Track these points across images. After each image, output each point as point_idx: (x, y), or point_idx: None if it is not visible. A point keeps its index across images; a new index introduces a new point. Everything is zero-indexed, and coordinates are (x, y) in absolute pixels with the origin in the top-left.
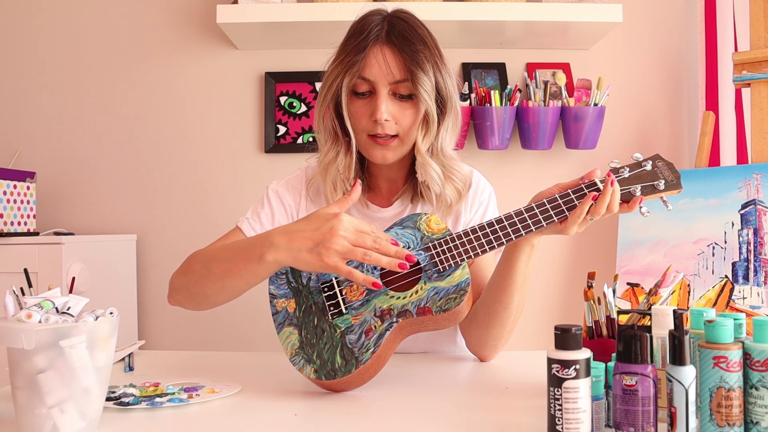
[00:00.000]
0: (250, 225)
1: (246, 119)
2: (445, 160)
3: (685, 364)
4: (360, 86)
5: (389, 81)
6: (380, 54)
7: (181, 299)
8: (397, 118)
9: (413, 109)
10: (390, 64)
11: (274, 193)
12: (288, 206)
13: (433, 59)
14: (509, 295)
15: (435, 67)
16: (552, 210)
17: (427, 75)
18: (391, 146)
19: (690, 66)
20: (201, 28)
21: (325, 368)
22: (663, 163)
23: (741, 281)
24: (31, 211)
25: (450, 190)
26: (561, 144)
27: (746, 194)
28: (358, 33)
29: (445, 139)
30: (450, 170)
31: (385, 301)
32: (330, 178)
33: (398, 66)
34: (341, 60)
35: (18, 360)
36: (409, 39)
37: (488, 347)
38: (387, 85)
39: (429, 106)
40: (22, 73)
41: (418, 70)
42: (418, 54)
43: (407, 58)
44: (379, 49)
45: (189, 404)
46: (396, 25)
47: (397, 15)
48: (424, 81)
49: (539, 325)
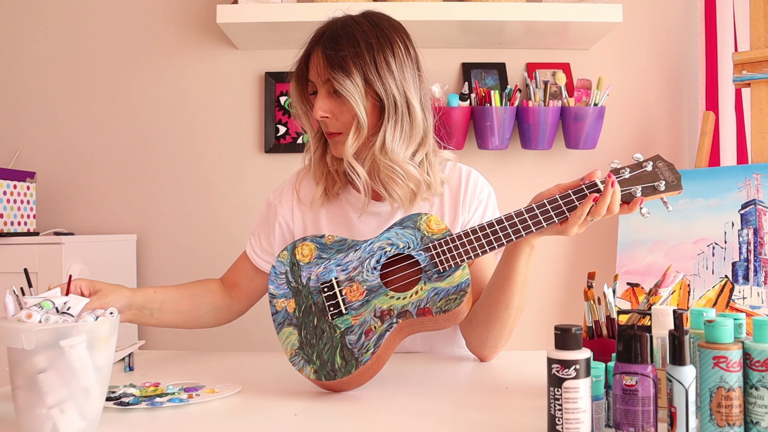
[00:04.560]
0: (253, 250)
1: (246, 119)
2: (387, 160)
3: (685, 364)
4: (310, 88)
5: (321, 81)
6: (315, 57)
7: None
8: (336, 114)
9: (350, 106)
10: (318, 66)
11: (268, 207)
12: (282, 216)
13: (360, 58)
14: (509, 296)
15: (366, 68)
16: (552, 211)
17: (349, 76)
18: (338, 140)
19: (690, 66)
20: (201, 28)
21: (325, 369)
22: (663, 163)
23: (741, 281)
24: (31, 211)
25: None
26: (561, 144)
27: (746, 194)
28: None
29: (390, 138)
30: (393, 171)
31: (385, 302)
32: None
33: (323, 66)
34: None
35: (18, 360)
36: (336, 40)
37: (488, 347)
38: (323, 84)
39: (353, 106)
40: (22, 73)
41: (337, 71)
42: (338, 54)
43: (328, 60)
44: (315, 53)
45: (189, 404)
46: (334, 29)
47: (344, 18)
48: (343, 80)
49: (539, 325)
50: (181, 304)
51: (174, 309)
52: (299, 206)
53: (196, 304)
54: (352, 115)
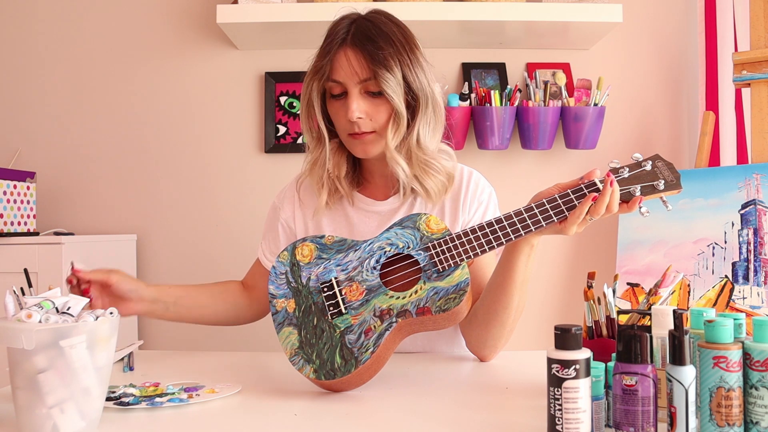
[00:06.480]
0: (263, 254)
1: (246, 119)
2: (422, 155)
3: (685, 364)
4: (334, 89)
5: (356, 81)
6: (344, 56)
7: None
8: (371, 114)
9: (386, 105)
10: (354, 65)
11: (273, 210)
12: (285, 219)
13: (399, 56)
14: (509, 295)
15: (402, 63)
16: (551, 210)
17: (390, 71)
18: (368, 140)
19: (690, 66)
20: (201, 28)
21: (325, 368)
22: (663, 163)
23: (741, 281)
24: (31, 211)
25: (432, 183)
26: (561, 144)
27: (746, 194)
28: (326, 38)
29: (423, 133)
30: (429, 164)
31: (385, 301)
32: (316, 175)
33: (361, 66)
34: (313, 65)
35: (18, 360)
36: (372, 38)
37: (488, 347)
38: (356, 84)
39: (396, 103)
40: (22, 73)
41: (380, 68)
42: (380, 52)
43: (368, 58)
44: (343, 51)
45: (189, 404)
46: (361, 26)
47: (364, 16)
48: (388, 78)
49: (539, 325)
50: (198, 299)
51: (191, 303)
52: (301, 207)
53: (214, 300)
54: (388, 113)
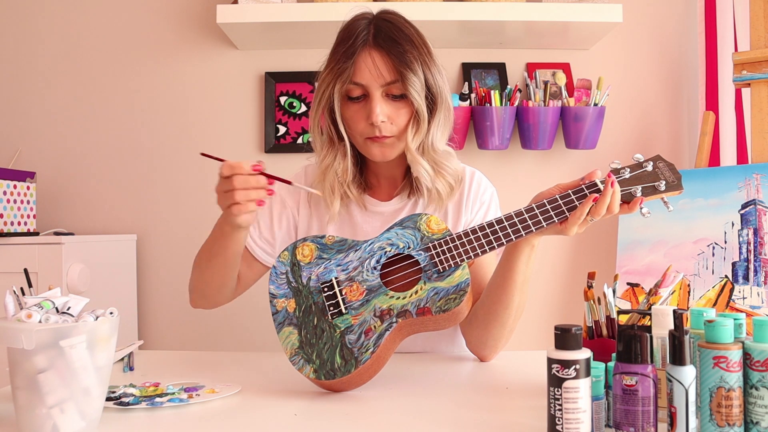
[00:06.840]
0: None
1: (246, 119)
2: (436, 156)
3: (685, 364)
4: (353, 91)
5: (381, 83)
6: (369, 58)
7: (197, 299)
8: (393, 118)
9: (407, 108)
10: (379, 67)
11: (274, 199)
12: (289, 207)
13: (422, 57)
14: (509, 296)
15: (424, 65)
16: (552, 210)
17: (416, 74)
18: (388, 143)
19: (690, 66)
20: (201, 28)
21: (325, 368)
22: (664, 163)
23: (741, 281)
24: (31, 211)
25: (441, 185)
26: (561, 144)
27: (746, 194)
28: (345, 39)
29: (436, 135)
30: (440, 165)
31: (385, 302)
32: (328, 182)
33: (387, 68)
34: (332, 67)
35: (18, 360)
36: (396, 40)
37: (488, 347)
38: (379, 87)
39: (419, 105)
40: (22, 73)
41: (407, 70)
42: (405, 54)
43: (395, 60)
44: (367, 53)
45: (189, 404)
46: (382, 27)
47: (382, 17)
48: (414, 80)
49: (539, 325)
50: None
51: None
52: (306, 204)
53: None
54: (407, 116)
